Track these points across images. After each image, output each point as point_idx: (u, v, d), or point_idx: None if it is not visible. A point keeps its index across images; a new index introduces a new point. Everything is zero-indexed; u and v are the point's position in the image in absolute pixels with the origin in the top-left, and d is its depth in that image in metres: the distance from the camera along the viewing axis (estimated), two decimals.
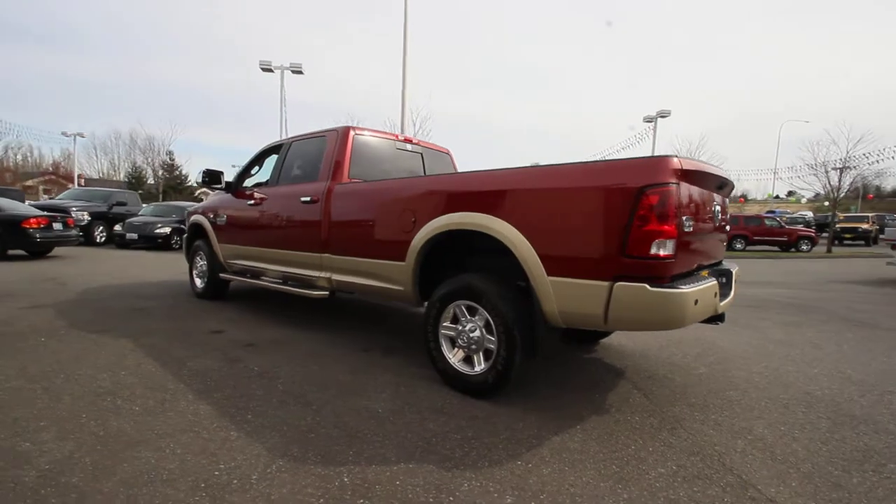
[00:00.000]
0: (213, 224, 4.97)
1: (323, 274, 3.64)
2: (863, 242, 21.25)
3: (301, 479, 1.77)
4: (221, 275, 4.89)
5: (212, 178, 4.61)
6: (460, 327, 2.66)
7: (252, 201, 4.37)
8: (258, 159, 4.82)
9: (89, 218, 12.03)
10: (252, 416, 2.29)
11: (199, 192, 50.71)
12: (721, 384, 3.02)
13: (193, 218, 5.38)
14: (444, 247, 2.88)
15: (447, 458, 1.97)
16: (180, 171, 43.12)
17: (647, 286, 1.98)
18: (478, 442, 2.12)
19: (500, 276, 2.61)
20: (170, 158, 41.70)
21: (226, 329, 3.92)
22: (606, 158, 1.93)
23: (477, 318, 2.61)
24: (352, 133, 3.73)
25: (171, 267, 8.58)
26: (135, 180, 41.80)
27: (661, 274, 2.02)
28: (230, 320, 4.26)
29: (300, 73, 18.87)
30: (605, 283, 2.09)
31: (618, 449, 2.13)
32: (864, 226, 21.69)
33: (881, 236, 23.56)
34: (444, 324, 2.77)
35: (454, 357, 2.72)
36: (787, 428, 2.41)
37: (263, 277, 4.38)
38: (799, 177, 22.18)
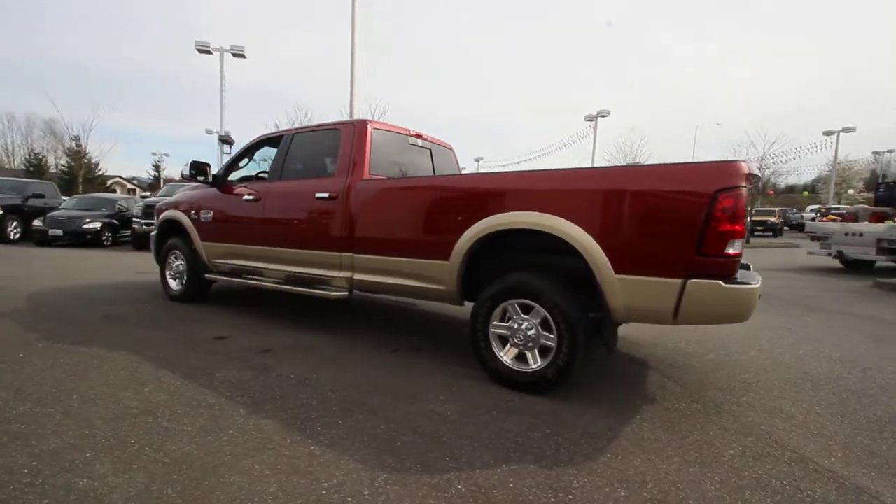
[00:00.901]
0: (194, 221, 4.54)
1: (343, 273, 3.48)
2: (771, 234, 23.96)
3: (415, 491, 1.70)
4: (207, 276, 4.50)
5: (198, 170, 4.21)
6: (515, 325, 2.67)
7: (250, 196, 4.05)
8: (248, 152, 4.47)
9: (1, 212, 10.48)
10: (322, 427, 2.15)
11: (110, 182, 45.94)
12: (734, 368, 3.30)
13: (167, 214, 4.88)
14: (484, 246, 2.87)
15: (543, 457, 1.99)
16: (89, 159, 38.69)
17: (722, 283, 2.12)
18: (560, 438, 2.16)
19: (552, 274, 2.66)
20: (76, 144, 37.38)
21: (229, 335, 3.63)
22: (679, 162, 1.98)
23: (531, 315, 2.64)
24: (370, 127, 3.58)
25: (114, 266, 7.74)
26: (34, 168, 37.04)
27: (732, 271, 2.16)
28: (227, 325, 3.94)
29: (242, 56, 17.63)
30: (678, 281, 2.20)
31: (685, 435, 2.26)
32: (773, 219, 24.47)
33: (785, 229, 26.75)
34: (495, 322, 2.76)
35: (507, 356, 2.73)
36: (808, 405, 2.70)
37: (259, 278, 4.10)
38: None
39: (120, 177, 49.30)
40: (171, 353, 3.10)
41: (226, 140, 16.85)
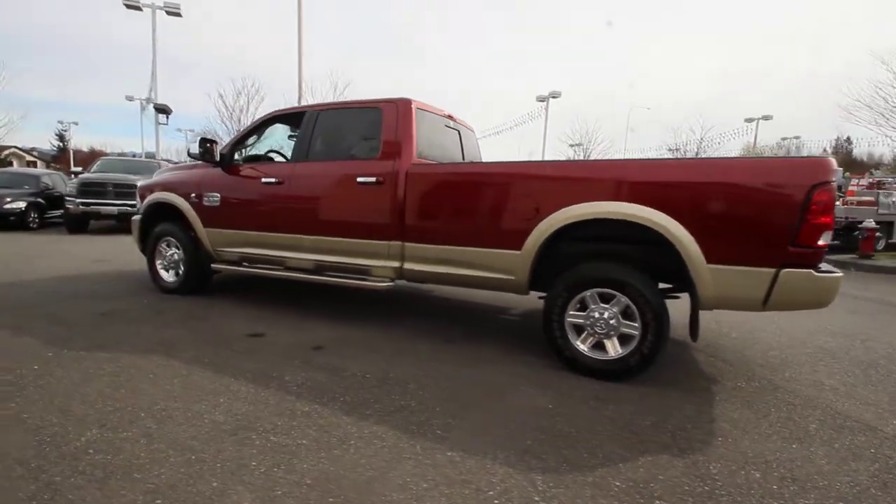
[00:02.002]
0: (195, 205, 4.07)
1: (390, 263, 3.30)
2: None
3: (580, 491, 1.69)
4: (214, 265, 4.08)
5: (206, 149, 3.75)
6: (596, 314, 2.69)
7: (271, 179, 3.68)
8: (258, 129, 4.05)
9: None
10: (440, 430, 2.06)
11: (5, 153, 39.82)
12: (761, 346, 3.58)
13: (157, 196, 4.32)
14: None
15: (666, 446, 2.05)
16: None
17: (813, 272, 2.26)
18: (669, 425, 2.24)
19: (627, 264, 2.70)
20: None
21: (263, 331, 3.34)
22: (773, 156, 2.08)
23: (611, 304, 2.67)
24: (414, 106, 3.36)
25: (58, 253, 6.81)
26: None
27: (820, 261, 2.31)
28: (250, 319, 3.63)
29: (177, 14, 15.77)
30: (771, 270, 2.32)
31: (766, 413, 2.42)
32: None
33: None
34: (571, 312, 2.77)
35: (584, 344, 2.76)
36: (841, 376, 3.00)
37: (275, 268, 3.80)
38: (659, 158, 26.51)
39: (17, 147, 42.88)
40: (213, 356, 2.80)
41: (162, 109, 15.19)
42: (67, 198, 9.46)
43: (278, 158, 4.27)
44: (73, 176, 11.52)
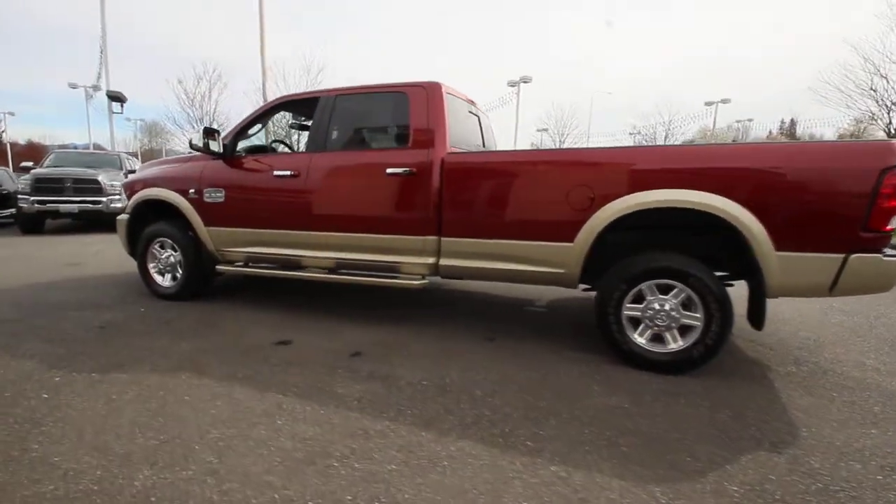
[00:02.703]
0: (194, 202, 3.70)
1: (424, 259, 3.10)
2: None
3: (706, 501, 1.60)
4: (219, 267, 3.74)
5: (211, 140, 3.38)
6: (657, 306, 2.60)
7: (284, 171, 3.37)
8: (262, 117, 3.71)
9: None
10: (530, 441, 1.92)
11: None
12: (789, 327, 3.62)
13: (147, 193, 3.90)
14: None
15: (758, 441, 1.99)
16: None
17: (882, 256, 2.24)
18: (749, 417, 2.18)
19: (686, 253, 2.62)
20: None
21: (289, 338, 3.07)
22: (841, 140, 2.04)
23: (671, 296, 2.59)
24: (445, 91, 3.13)
25: (17, 256, 6.16)
26: None
27: (887, 245, 2.30)
28: (268, 324, 3.35)
29: None
30: (840, 256, 2.29)
31: (830, 399, 2.42)
32: None
33: None
34: (628, 305, 2.68)
35: (642, 337, 2.68)
36: (876, 355, 3.06)
37: (287, 267, 3.52)
38: (617, 140, 27.19)
39: None
40: (247, 370, 2.54)
41: (116, 97, 14.04)
42: (21, 196, 8.60)
43: (281, 148, 3.93)
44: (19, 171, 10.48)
